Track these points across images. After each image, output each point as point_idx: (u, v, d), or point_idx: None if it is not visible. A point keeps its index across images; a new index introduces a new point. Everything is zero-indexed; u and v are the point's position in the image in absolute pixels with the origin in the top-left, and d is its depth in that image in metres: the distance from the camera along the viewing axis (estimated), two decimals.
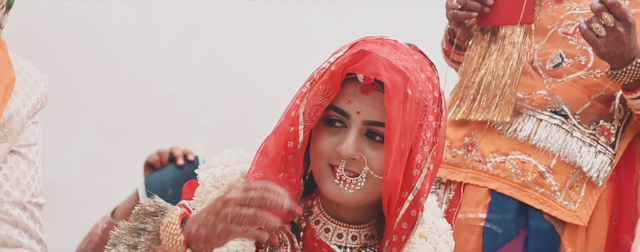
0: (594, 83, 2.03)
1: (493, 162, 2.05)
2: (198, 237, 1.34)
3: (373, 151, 1.39)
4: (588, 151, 2.02)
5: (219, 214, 1.32)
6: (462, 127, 2.11)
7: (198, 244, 1.35)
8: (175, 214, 1.39)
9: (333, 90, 1.39)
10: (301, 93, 1.42)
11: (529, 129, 2.04)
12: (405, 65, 1.38)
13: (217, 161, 1.49)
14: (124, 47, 3.39)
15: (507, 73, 2.04)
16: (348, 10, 3.49)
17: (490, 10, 2.05)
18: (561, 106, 2.04)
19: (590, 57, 2.02)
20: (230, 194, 1.32)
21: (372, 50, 1.37)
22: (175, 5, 3.43)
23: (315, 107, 1.39)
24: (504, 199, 2.03)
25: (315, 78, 1.42)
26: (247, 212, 1.31)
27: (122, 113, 3.39)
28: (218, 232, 1.32)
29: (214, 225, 1.32)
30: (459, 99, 2.10)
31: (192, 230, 1.34)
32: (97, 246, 2.39)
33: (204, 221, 1.33)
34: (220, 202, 1.32)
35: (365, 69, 1.37)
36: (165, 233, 1.37)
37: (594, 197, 2.03)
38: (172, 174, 2.40)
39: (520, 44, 2.05)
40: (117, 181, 3.34)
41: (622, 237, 2.09)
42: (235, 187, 1.33)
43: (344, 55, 1.39)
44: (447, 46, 2.23)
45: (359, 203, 1.42)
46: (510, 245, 2.03)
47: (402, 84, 1.36)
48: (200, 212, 1.36)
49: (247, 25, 3.50)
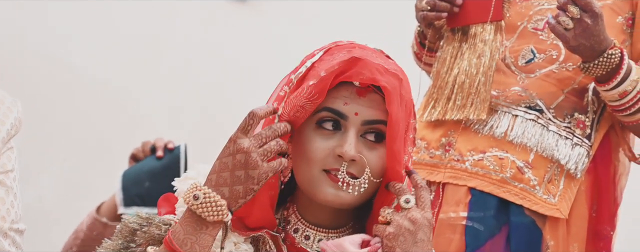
0: (567, 76, 2.05)
1: (471, 160, 2.06)
2: (236, 196, 1.34)
3: (370, 152, 1.41)
4: (565, 144, 2.03)
5: (249, 164, 1.33)
6: (439, 127, 2.12)
7: (237, 202, 1.34)
8: (197, 189, 1.35)
9: (319, 95, 1.39)
10: (278, 97, 1.43)
11: (505, 126, 2.05)
12: (395, 68, 1.42)
13: (196, 172, 1.49)
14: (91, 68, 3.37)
15: (481, 71, 2.06)
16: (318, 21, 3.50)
17: (459, 10, 2.07)
18: (535, 101, 2.05)
19: (562, 51, 2.04)
20: (243, 143, 1.33)
21: (363, 57, 1.40)
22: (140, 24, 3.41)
23: (295, 108, 1.40)
24: (484, 197, 2.04)
25: (294, 82, 1.42)
26: (271, 147, 1.34)
27: (94, 135, 3.36)
28: (256, 180, 1.34)
29: (248, 176, 1.33)
30: (434, 100, 2.11)
31: (226, 193, 1.34)
32: (82, 242, 2.38)
33: (232, 179, 1.34)
34: (242, 154, 1.33)
35: (360, 75, 1.39)
36: (204, 205, 1.33)
37: (573, 190, 2.04)
38: (151, 165, 2.38)
39: (491, 42, 2.06)
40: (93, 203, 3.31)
41: (603, 228, 2.11)
42: (237, 137, 1.34)
43: (333, 62, 1.40)
44: (418, 49, 2.24)
45: (354, 205, 1.43)
46: (493, 242, 2.03)
47: (398, 87, 1.39)
48: (218, 177, 1.34)
49: (216, 39, 3.50)
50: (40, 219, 3.21)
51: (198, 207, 1.34)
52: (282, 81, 1.46)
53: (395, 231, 1.37)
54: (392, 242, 1.37)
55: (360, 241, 1.40)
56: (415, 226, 1.37)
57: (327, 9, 3.51)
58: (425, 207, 1.39)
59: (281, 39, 3.49)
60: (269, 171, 1.35)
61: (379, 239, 1.39)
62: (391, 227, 1.37)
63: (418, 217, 1.38)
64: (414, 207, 1.39)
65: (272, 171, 1.35)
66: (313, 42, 1.96)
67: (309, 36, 3.44)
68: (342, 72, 1.40)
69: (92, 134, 3.36)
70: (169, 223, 1.41)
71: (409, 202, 1.38)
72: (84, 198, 3.34)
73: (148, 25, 3.42)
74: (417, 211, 1.38)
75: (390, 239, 1.37)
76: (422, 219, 1.38)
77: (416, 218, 1.37)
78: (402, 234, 1.37)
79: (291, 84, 1.42)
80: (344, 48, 1.44)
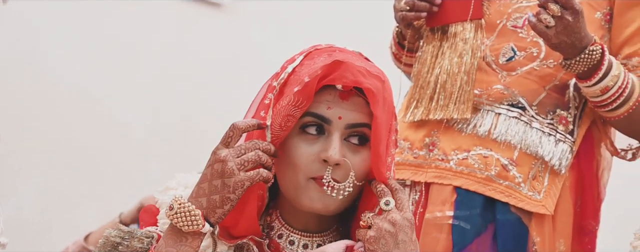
0: (548, 73, 2.05)
1: (455, 159, 2.05)
2: (213, 206, 1.34)
3: (354, 156, 1.41)
4: (548, 141, 2.03)
5: (225, 172, 1.33)
6: (422, 127, 2.11)
7: (215, 211, 1.35)
8: (174, 200, 1.36)
9: (306, 101, 1.39)
10: (264, 105, 1.43)
11: (489, 124, 2.05)
12: (377, 70, 1.42)
13: (176, 183, 1.49)
14: (69, 77, 3.35)
15: (462, 70, 2.06)
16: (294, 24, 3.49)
17: (438, 9, 2.06)
18: (518, 99, 2.05)
19: (542, 48, 2.04)
20: (221, 153, 1.34)
21: (345, 60, 1.40)
22: (118, 31, 3.39)
23: (286, 118, 1.39)
24: (469, 195, 2.03)
25: (278, 89, 1.42)
26: (249, 157, 1.35)
27: (73, 145, 3.34)
28: (232, 188, 1.34)
29: (224, 185, 1.34)
30: (416, 100, 2.11)
31: (203, 203, 1.34)
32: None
33: (210, 189, 1.34)
34: (218, 163, 1.33)
35: (344, 78, 1.39)
36: (178, 215, 1.34)
37: (558, 186, 2.04)
38: None
39: (472, 40, 2.06)
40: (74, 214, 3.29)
41: (588, 223, 2.12)
42: (217, 148, 1.35)
43: (315, 67, 1.40)
44: (397, 50, 2.24)
45: (338, 210, 1.43)
46: (480, 240, 2.03)
47: (381, 89, 1.39)
48: (198, 188, 1.35)
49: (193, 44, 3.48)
50: (22, 229, 3.18)
51: (173, 218, 1.34)
52: (264, 88, 1.46)
53: (376, 234, 1.38)
54: (373, 246, 1.38)
55: (343, 246, 1.40)
56: (395, 228, 1.38)
57: (303, 11, 3.50)
58: (403, 208, 1.40)
59: (258, 43, 3.48)
60: (246, 179, 1.35)
61: (362, 243, 1.40)
62: (372, 230, 1.38)
63: (398, 219, 1.38)
64: (393, 209, 1.39)
65: (249, 179, 1.35)
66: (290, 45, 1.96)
67: (285, 39, 3.45)
68: (325, 76, 1.40)
69: (71, 144, 3.34)
70: (150, 236, 1.41)
71: (389, 204, 1.39)
72: (65, 209, 3.32)
73: (125, 32, 3.40)
74: (397, 213, 1.39)
75: (371, 243, 1.38)
76: (402, 220, 1.38)
77: (396, 220, 1.38)
78: (383, 237, 1.37)
79: (275, 91, 1.42)
80: (324, 51, 1.44)
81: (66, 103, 3.34)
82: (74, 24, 3.34)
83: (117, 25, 3.38)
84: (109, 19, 3.37)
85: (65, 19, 3.34)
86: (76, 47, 3.35)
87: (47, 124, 3.33)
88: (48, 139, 3.33)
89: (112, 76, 3.39)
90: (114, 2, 3.36)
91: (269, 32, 3.47)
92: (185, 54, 3.44)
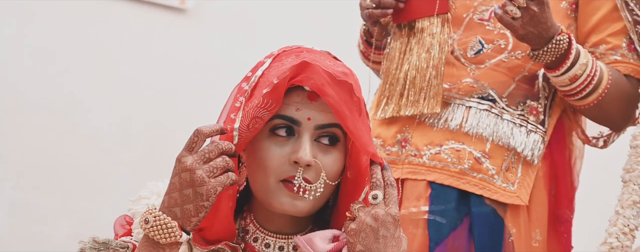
0: (516, 65, 2.05)
1: (428, 154, 2.05)
2: (188, 215, 1.34)
3: (325, 156, 1.41)
4: (519, 132, 2.04)
5: (195, 181, 1.32)
6: (393, 124, 2.11)
7: (190, 220, 1.34)
8: (148, 213, 1.34)
9: (276, 103, 1.39)
10: (234, 108, 1.42)
11: (460, 118, 2.05)
12: (344, 70, 1.42)
13: (148, 192, 1.49)
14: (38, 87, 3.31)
15: (431, 65, 2.06)
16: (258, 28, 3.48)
17: (404, 5, 2.06)
18: (487, 91, 2.05)
19: (509, 40, 2.05)
20: (187, 161, 1.33)
21: (312, 61, 1.39)
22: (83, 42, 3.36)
23: (254, 119, 1.39)
24: (443, 190, 2.04)
25: (249, 92, 1.41)
26: (217, 163, 1.34)
27: (42, 155, 3.30)
28: (205, 196, 1.33)
29: (196, 194, 1.33)
30: (386, 97, 2.11)
31: (177, 213, 1.34)
32: None
33: (182, 198, 1.33)
34: (186, 172, 1.32)
35: (311, 80, 1.39)
36: (154, 229, 1.33)
37: (531, 176, 2.05)
38: None
39: (439, 35, 2.06)
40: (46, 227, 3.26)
41: (563, 212, 2.13)
42: (182, 155, 1.34)
43: (283, 68, 1.40)
44: (364, 48, 2.24)
45: (311, 211, 1.43)
46: (456, 234, 2.03)
47: (348, 94, 1.39)
48: (169, 198, 1.34)
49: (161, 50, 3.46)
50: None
51: (150, 231, 1.34)
52: (234, 91, 1.46)
53: (357, 227, 1.37)
54: (353, 239, 1.37)
55: (331, 236, 1.40)
56: (377, 223, 1.37)
57: (268, 13, 3.50)
58: (390, 203, 1.39)
59: (224, 47, 3.47)
60: (217, 185, 1.34)
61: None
62: (354, 223, 1.38)
63: (381, 214, 1.38)
64: (379, 204, 1.39)
65: (221, 185, 1.35)
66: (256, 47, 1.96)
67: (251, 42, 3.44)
68: (293, 77, 1.39)
69: (41, 154, 3.30)
70: (126, 246, 1.41)
71: (376, 198, 1.39)
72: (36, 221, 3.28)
73: (92, 41, 3.37)
74: (382, 208, 1.39)
75: (351, 235, 1.38)
76: (385, 216, 1.38)
77: (378, 215, 1.37)
78: (363, 231, 1.37)
79: (246, 94, 1.42)
80: (292, 53, 1.44)
81: (33, 114, 3.30)
82: (40, 33, 3.31)
83: (83, 35, 3.35)
84: (75, 29, 3.34)
85: (30, 28, 3.30)
86: (43, 58, 3.32)
87: (14, 135, 3.29)
88: (16, 151, 3.29)
89: (80, 85, 3.36)
90: (80, 11, 3.33)
91: (235, 36, 3.46)
92: (153, 61, 3.42)
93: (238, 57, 3.37)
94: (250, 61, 1.49)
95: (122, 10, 3.38)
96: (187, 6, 3.40)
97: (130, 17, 3.39)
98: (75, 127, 3.33)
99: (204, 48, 3.44)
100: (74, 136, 3.33)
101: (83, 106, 3.34)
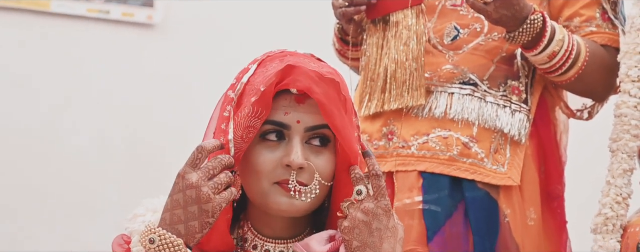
0: (494, 46, 2.06)
1: (416, 144, 2.06)
2: (192, 232, 1.33)
3: (317, 157, 1.41)
4: (504, 112, 2.05)
5: (201, 198, 1.32)
6: (377, 119, 2.11)
7: (194, 237, 1.34)
8: (151, 232, 1.34)
9: (265, 110, 1.39)
10: (223, 117, 1.42)
11: (444, 105, 2.06)
12: (330, 70, 1.42)
13: (144, 209, 1.48)
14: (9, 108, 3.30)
15: (410, 57, 2.06)
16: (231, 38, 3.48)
17: (377, 0, 2.06)
18: (468, 76, 2.06)
19: (484, 23, 2.05)
20: (191, 178, 1.33)
21: (297, 64, 1.39)
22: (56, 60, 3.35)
23: (247, 129, 1.39)
24: (435, 178, 2.04)
25: (235, 100, 1.41)
26: (221, 179, 1.34)
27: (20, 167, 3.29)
28: (210, 213, 1.33)
29: (202, 211, 1.33)
30: (368, 94, 2.11)
31: (181, 231, 1.33)
32: None
33: (186, 215, 1.33)
34: (191, 189, 1.32)
35: (297, 82, 1.38)
36: (161, 248, 1.32)
37: (520, 156, 2.05)
38: None
39: (415, 26, 2.06)
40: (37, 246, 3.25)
41: (555, 188, 2.14)
42: (185, 172, 1.34)
43: (269, 74, 1.40)
44: (340, 46, 2.24)
45: (309, 211, 1.43)
46: (452, 221, 2.04)
47: (334, 95, 1.39)
48: (172, 215, 1.34)
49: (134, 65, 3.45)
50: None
51: (156, 251, 1.33)
52: (221, 100, 1.45)
53: (350, 224, 1.37)
54: (348, 236, 1.37)
55: (327, 236, 1.41)
56: (368, 217, 1.37)
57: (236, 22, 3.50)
58: (378, 195, 1.39)
59: (194, 59, 3.49)
60: (222, 202, 1.35)
61: None
62: (346, 221, 1.38)
63: (371, 207, 1.38)
64: (366, 198, 1.38)
65: (225, 201, 1.35)
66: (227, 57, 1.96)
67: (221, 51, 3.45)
68: (279, 81, 1.39)
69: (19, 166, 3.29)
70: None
71: (361, 193, 1.39)
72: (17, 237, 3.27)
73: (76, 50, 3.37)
74: (370, 201, 1.38)
75: (346, 233, 1.38)
76: (376, 208, 1.38)
77: (369, 208, 1.37)
78: (356, 227, 1.37)
79: (233, 103, 1.41)
80: (276, 58, 1.44)
81: (10, 121, 3.29)
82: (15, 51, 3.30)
83: (56, 52, 3.34)
84: (47, 45, 3.33)
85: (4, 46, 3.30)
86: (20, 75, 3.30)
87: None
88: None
89: (54, 106, 3.35)
90: (51, 28, 3.33)
91: (203, 47, 3.48)
92: (126, 76, 3.43)
93: (207, 67, 3.39)
94: (219, 71, 1.48)
95: (93, 29, 3.38)
96: (155, 21, 3.42)
97: (101, 36, 3.39)
98: (55, 148, 3.32)
99: (174, 61, 3.45)
100: (54, 155, 3.32)
101: (60, 124, 3.34)
